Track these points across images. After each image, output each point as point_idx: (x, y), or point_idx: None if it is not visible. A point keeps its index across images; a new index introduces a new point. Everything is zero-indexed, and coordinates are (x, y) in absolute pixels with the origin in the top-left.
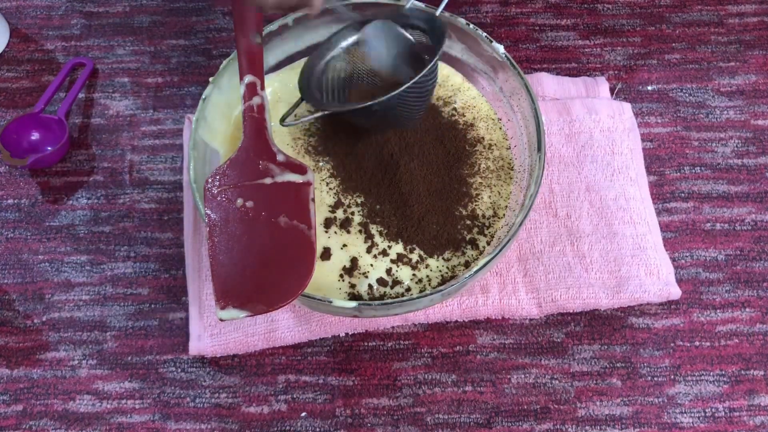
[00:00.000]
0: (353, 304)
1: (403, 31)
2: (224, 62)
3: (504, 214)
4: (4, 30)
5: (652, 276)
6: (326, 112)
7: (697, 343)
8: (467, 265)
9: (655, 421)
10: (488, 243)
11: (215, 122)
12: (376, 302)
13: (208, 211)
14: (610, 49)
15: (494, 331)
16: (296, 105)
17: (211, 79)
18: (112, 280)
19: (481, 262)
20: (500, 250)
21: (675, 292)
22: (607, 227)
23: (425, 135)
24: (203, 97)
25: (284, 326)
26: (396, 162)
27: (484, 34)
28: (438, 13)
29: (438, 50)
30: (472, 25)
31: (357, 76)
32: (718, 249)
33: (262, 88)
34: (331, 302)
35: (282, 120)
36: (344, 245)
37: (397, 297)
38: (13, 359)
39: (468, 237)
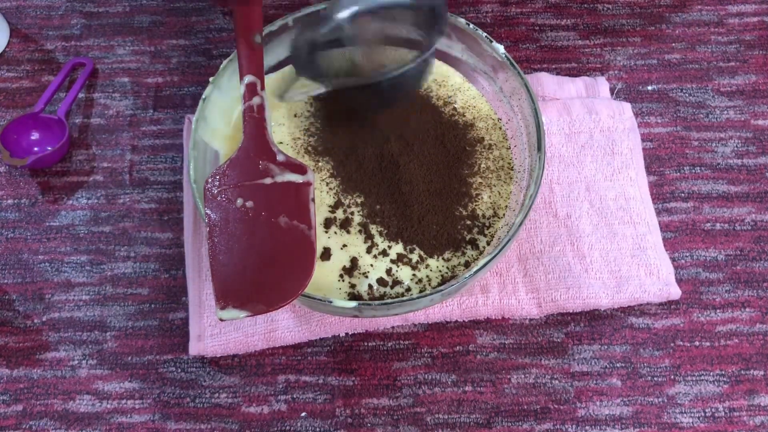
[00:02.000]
0: (353, 304)
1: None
2: (224, 62)
3: (504, 214)
4: (4, 30)
5: (652, 276)
6: (324, 91)
7: (697, 343)
8: (467, 265)
9: (655, 421)
10: (488, 243)
11: (215, 122)
12: (376, 302)
13: (208, 211)
14: (610, 49)
15: (494, 331)
16: (292, 81)
17: (211, 79)
18: (112, 280)
19: (481, 262)
20: (500, 250)
21: (675, 292)
22: (607, 227)
23: (425, 135)
24: (203, 97)
25: (284, 326)
26: (396, 162)
27: (484, 34)
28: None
29: (435, 35)
30: (472, 25)
31: (358, 51)
32: (718, 249)
33: (262, 88)
34: (331, 302)
35: (281, 96)
36: (344, 245)
37: (397, 297)
38: (13, 359)
39: (468, 237)
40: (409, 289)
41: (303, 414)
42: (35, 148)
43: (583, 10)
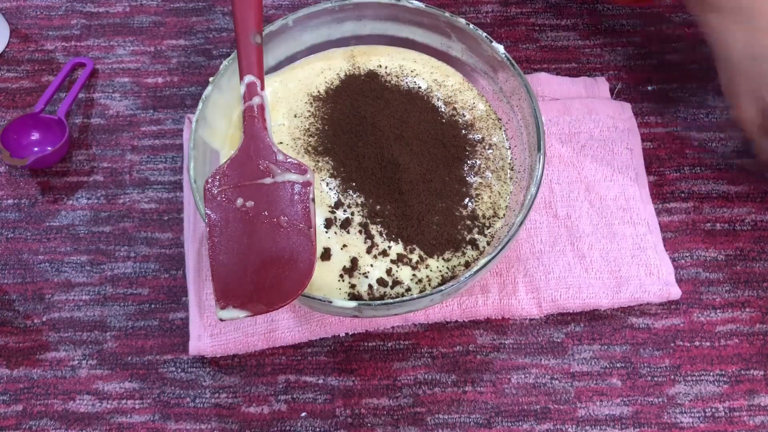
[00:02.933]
0: (353, 304)
1: None
2: (224, 62)
3: (504, 214)
4: (4, 30)
5: (652, 276)
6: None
7: (697, 343)
8: (467, 265)
9: (655, 421)
10: (488, 243)
11: (215, 122)
12: (376, 302)
13: (208, 211)
14: (610, 49)
15: (494, 331)
16: None
17: (211, 79)
18: (112, 280)
19: (481, 262)
20: (500, 250)
21: (675, 292)
22: (607, 227)
23: (425, 135)
24: (203, 97)
25: (284, 326)
26: (396, 162)
27: (484, 34)
28: None
29: None
30: (472, 25)
31: None
32: (718, 249)
33: (262, 88)
34: (331, 302)
35: None
36: (344, 245)
37: (397, 297)
38: (13, 359)
39: (468, 237)
40: (409, 289)
41: (303, 414)
42: (35, 148)
43: (583, 10)
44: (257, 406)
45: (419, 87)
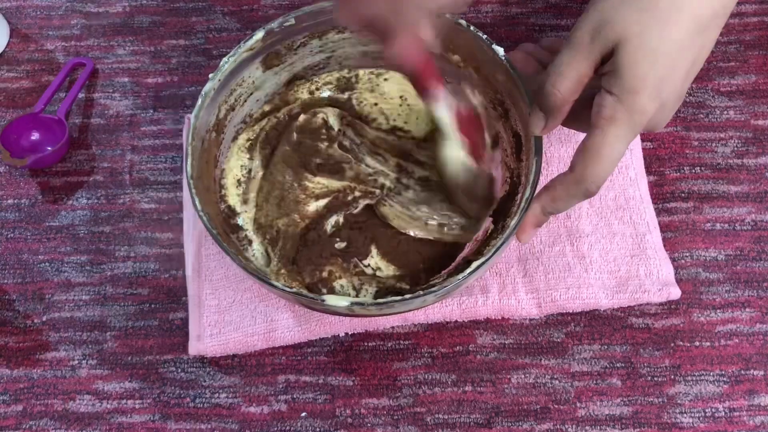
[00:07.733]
0: (345, 302)
1: None
2: (224, 59)
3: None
4: (4, 30)
5: (652, 276)
6: None
7: (697, 343)
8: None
9: (655, 421)
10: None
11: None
12: (369, 301)
13: None
14: None
15: (494, 331)
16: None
17: (210, 75)
18: (112, 280)
19: (475, 264)
20: (493, 253)
21: (675, 292)
22: (607, 227)
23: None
24: (202, 93)
25: (284, 326)
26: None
27: (485, 36)
28: None
29: None
30: (473, 27)
31: None
32: (718, 249)
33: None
34: (323, 300)
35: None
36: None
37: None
38: (13, 359)
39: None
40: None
41: (303, 414)
42: (35, 148)
43: (583, 10)
44: (257, 406)
45: None
